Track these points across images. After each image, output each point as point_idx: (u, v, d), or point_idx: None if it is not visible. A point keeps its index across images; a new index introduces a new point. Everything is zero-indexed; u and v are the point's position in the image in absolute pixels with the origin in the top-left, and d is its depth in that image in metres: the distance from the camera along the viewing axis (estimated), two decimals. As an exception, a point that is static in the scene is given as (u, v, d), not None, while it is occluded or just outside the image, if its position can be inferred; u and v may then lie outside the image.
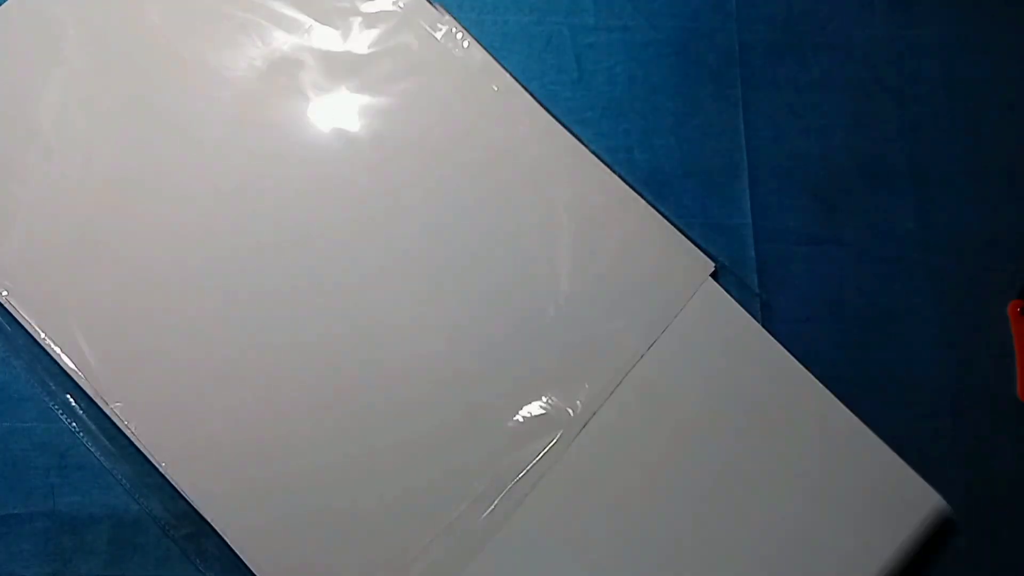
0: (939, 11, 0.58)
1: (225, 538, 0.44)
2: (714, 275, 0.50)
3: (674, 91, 0.55)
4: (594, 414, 0.46)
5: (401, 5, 0.53)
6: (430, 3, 0.54)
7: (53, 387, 0.48)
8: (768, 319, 0.51)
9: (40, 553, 0.46)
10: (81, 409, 0.47)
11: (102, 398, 0.46)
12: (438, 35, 0.53)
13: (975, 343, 0.51)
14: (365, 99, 0.52)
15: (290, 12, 0.53)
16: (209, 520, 0.44)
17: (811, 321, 0.52)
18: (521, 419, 0.46)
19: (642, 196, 0.50)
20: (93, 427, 0.47)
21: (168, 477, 0.45)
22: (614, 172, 0.51)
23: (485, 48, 0.53)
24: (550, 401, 0.46)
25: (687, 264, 0.49)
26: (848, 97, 0.56)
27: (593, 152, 0.51)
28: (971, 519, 0.48)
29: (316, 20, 0.53)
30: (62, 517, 0.47)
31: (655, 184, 0.53)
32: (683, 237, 0.49)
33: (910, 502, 0.46)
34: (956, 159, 0.55)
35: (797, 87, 0.56)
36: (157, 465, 0.45)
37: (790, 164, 0.54)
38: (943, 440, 0.50)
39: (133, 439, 0.46)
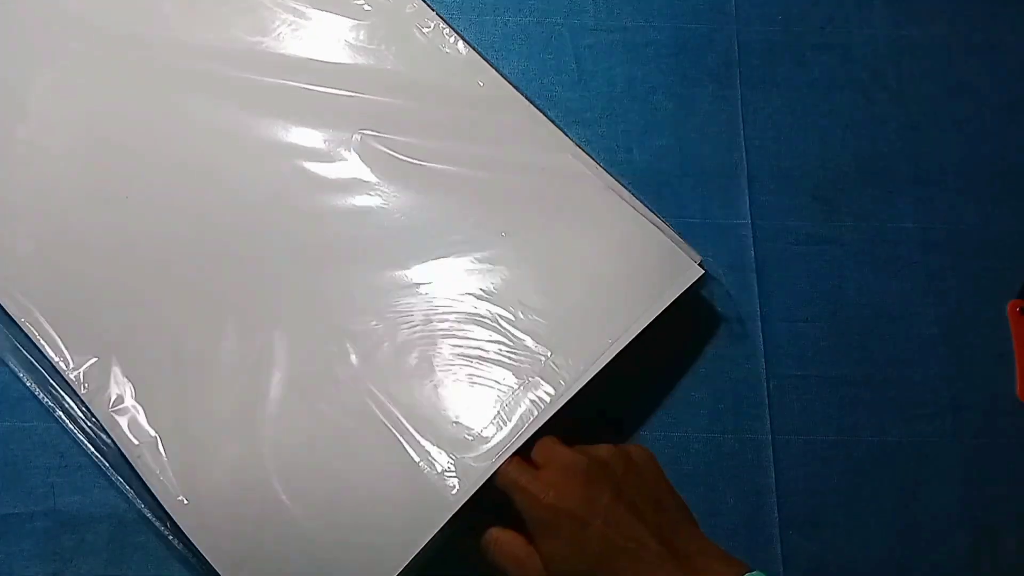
0: (939, 11, 0.58)
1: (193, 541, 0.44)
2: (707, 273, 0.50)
3: (673, 91, 0.55)
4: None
5: (391, 2, 0.54)
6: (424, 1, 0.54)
7: (51, 387, 0.47)
8: (768, 319, 0.51)
9: (40, 553, 0.46)
10: (81, 409, 0.47)
11: (91, 399, 0.46)
12: (426, 31, 0.53)
13: (975, 343, 0.51)
14: (355, 96, 0.52)
15: (283, 5, 0.53)
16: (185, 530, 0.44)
17: (811, 321, 0.52)
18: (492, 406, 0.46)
19: (627, 189, 0.50)
20: (90, 428, 0.47)
21: (142, 475, 0.45)
22: (601, 166, 0.50)
23: (480, 49, 0.53)
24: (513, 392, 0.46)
25: (671, 257, 0.49)
26: (848, 97, 0.56)
27: (577, 144, 0.51)
28: (971, 519, 0.48)
29: (309, 14, 0.53)
30: (62, 517, 0.47)
31: (654, 184, 0.53)
32: (665, 231, 0.49)
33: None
34: (956, 159, 0.55)
35: (796, 87, 0.56)
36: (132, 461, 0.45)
37: (789, 164, 0.54)
38: (943, 440, 0.50)
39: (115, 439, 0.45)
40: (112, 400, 0.46)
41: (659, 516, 0.39)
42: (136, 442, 0.45)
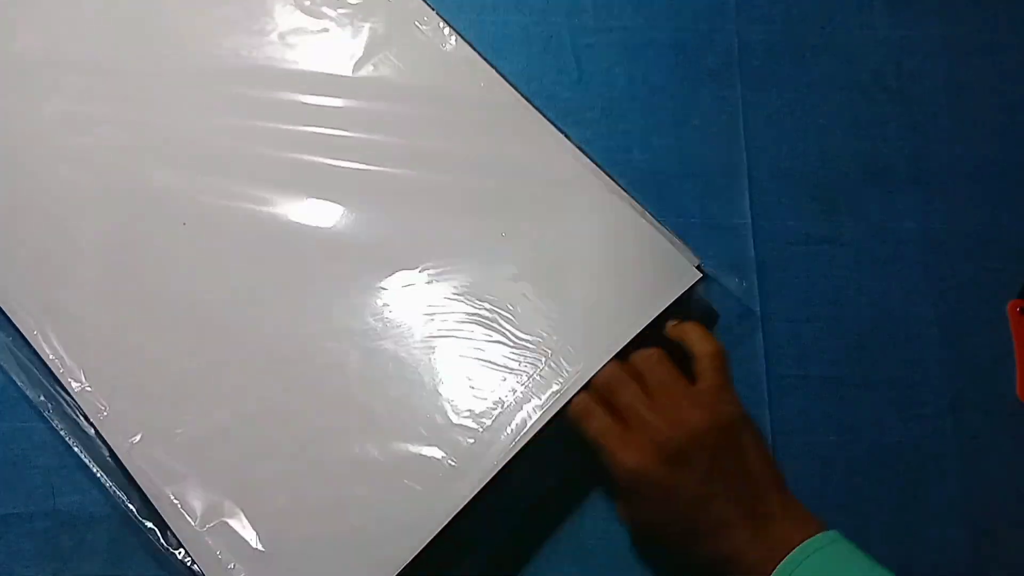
0: (939, 11, 0.58)
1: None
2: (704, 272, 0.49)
3: (673, 91, 0.55)
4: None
5: (390, 1, 0.54)
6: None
7: (48, 388, 0.47)
8: (768, 319, 0.51)
9: (40, 553, 0.46)
10: (77, 411, 0.47)
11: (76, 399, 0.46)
12: (425, 31, 0.53)
13: (975, 343, 0.51)
14: (355, 98, 0.52)
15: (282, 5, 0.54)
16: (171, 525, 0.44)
17: (811, 321, 0.52)
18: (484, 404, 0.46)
19: (626, 191, 0.50)
20: (88, 431, 0.47)
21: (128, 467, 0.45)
22: (601, 167, 0.50)
23: (480, 49, 0.53)
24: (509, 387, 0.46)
25: (669, 258, 0.48)
26: (848, 97, 0.56)
27: (577, 144, 0.51)
28: (971, 519, 0.48)
29: (308, 14, 0.53)
30: (62, 517, 0.47)
31: (654, 184, 0.53)
32: (663, 234, 0.49)
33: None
34: (956, 159, 0.55)
35: (796, 87, 0.56)
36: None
37: (789, 164, 0.54)
38: (943, 440, 0.50)
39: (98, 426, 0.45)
40: (108, 407, 0.46)
41: (747, 486, 0.41)
42: (129, 443, 0.45)
